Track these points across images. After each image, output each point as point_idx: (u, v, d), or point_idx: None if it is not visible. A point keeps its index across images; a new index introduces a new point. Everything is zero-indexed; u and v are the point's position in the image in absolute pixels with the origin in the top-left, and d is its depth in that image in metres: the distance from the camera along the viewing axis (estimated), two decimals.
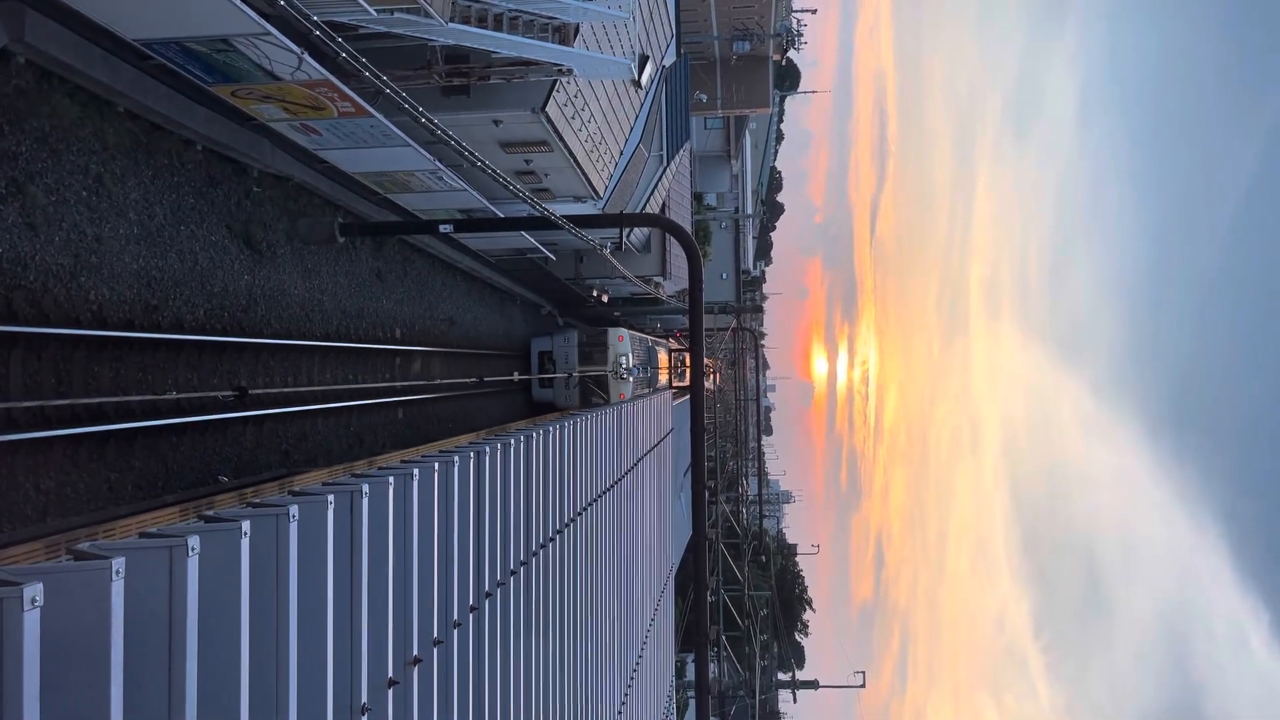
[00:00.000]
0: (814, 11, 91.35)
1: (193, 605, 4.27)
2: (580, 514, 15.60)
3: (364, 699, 6.39)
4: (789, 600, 78.47)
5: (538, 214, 16.69)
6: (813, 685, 54.52)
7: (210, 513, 5.71)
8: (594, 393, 30.38)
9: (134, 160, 12.00)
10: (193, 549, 4.34)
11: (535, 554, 12.26)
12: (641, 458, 23.22)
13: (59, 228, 10.62)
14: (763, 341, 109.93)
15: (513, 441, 10.94)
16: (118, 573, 3.78)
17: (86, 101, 11.17)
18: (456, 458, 8.69)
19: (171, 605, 4.19)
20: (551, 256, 29.30)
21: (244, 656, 4.64)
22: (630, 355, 31.20)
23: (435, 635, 7.96)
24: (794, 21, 75.29)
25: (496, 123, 18.56)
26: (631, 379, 31.16)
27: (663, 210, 33.04)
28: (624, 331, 31.95)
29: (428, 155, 16.21)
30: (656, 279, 38.17)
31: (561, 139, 19.52)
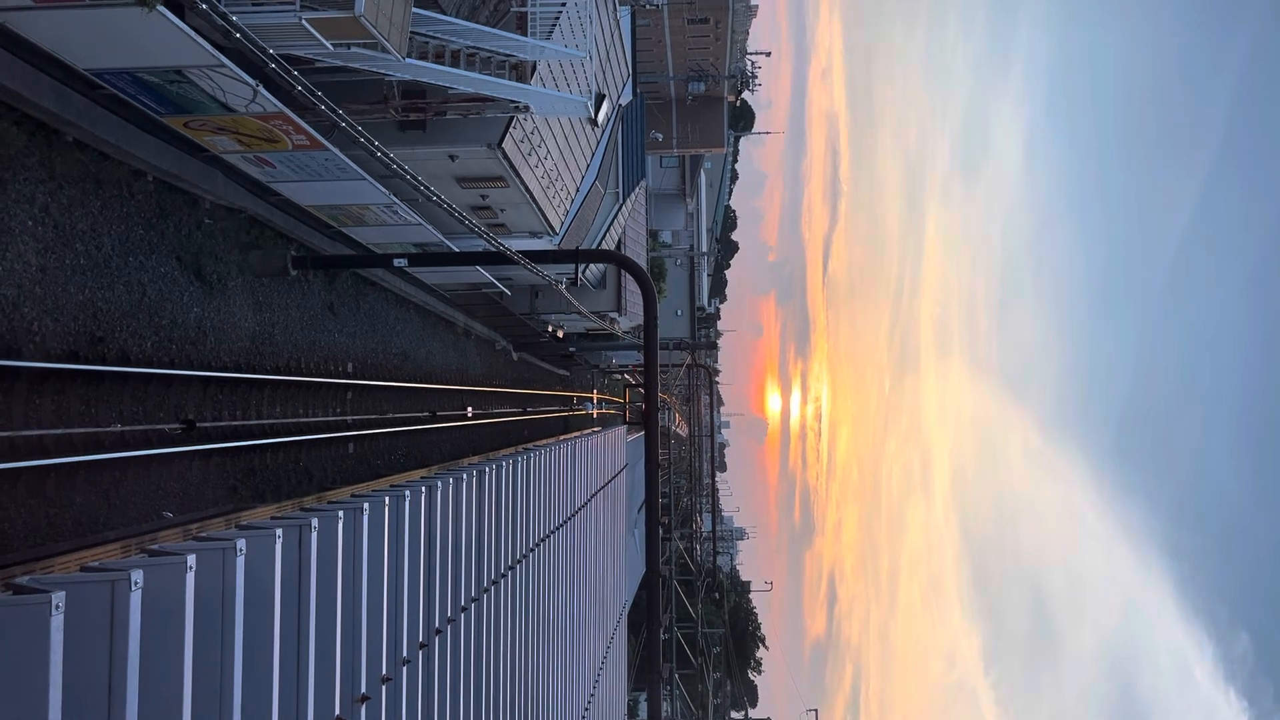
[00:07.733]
0: (768, 54, 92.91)
1: (134, 640, 4.19)
2: (532, 550, 15.50)
3: None
4: (742, 637, 78.19)
5: (493, 249, 16.73)
6: None
7: (155, 547, 5.61)
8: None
9: (82, 190, 11.84)
10: (136, 583, 4.26)
11: (487, 590, 12.15)
12: (595, 494, 23.13)
13: (2, 258, 10.43)
14: (717, 378, 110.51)
15: (465, 476, 10.89)
16: (58, 607, 3.70)
17: (34, 130, 11.02)
18: (408, 492, 8.63)
19: (113, 640, 4.11)
20: (507, 292, 29.32)
21: (187, 692, 4.55)
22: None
23: (384, 672, 7.85)
24: (748, 64, 76.69)
25: (453, 158, 18.63)
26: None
27: (618, 247, 33.27)
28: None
29: (383, 189, 16.20)
30: (612, 315, 38.32)
31: (518, 175, 19.63)
